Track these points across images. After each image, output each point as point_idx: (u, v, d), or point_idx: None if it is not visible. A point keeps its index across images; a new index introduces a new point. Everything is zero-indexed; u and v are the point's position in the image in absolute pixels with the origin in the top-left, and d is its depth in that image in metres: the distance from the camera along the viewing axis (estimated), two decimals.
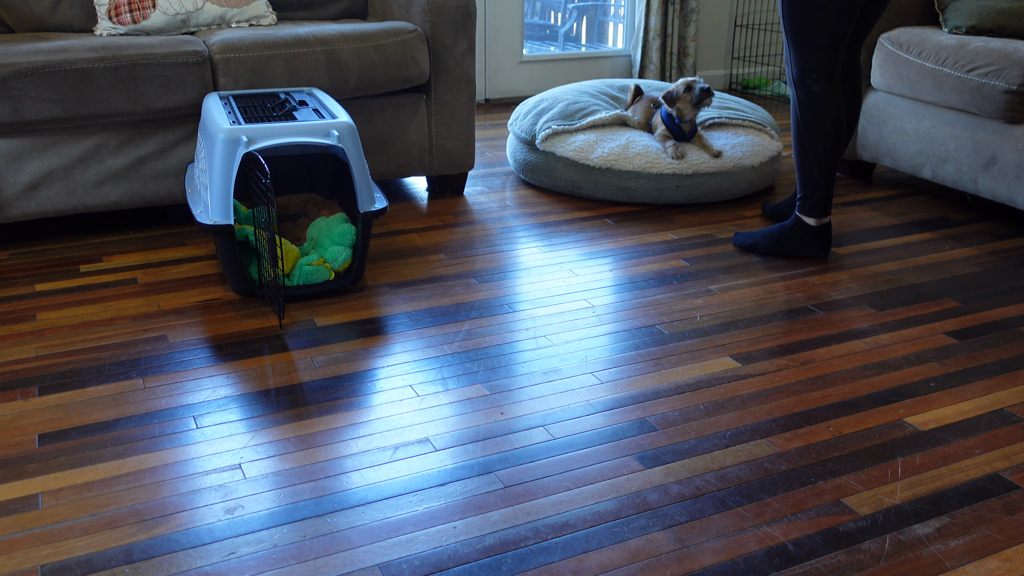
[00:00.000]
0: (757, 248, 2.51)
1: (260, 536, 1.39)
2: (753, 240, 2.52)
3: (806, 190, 2.40)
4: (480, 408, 1.75)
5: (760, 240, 2.51)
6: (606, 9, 5.28)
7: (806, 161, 2.36)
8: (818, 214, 2.42)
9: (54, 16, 2.80)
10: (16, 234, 2.62)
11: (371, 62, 2.68)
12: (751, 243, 2.53)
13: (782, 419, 1.72)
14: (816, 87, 2.28)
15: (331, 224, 2.30)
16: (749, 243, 2.53)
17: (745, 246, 2.53)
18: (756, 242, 2.52)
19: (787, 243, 2.47)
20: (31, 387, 1.80)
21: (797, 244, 2.47)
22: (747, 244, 2.53)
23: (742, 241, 2.55)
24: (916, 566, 1.34)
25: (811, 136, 2.33)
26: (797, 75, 2.30)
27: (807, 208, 2.42)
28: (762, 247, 2.51)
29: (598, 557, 1.35)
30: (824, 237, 2.45)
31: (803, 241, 2.46)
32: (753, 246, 2.52)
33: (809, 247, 2.47)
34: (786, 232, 2.47)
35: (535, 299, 2.23)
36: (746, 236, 2.55)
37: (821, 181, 2.37)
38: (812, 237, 2.45)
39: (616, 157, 2.88)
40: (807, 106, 2.31)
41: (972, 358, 1.96)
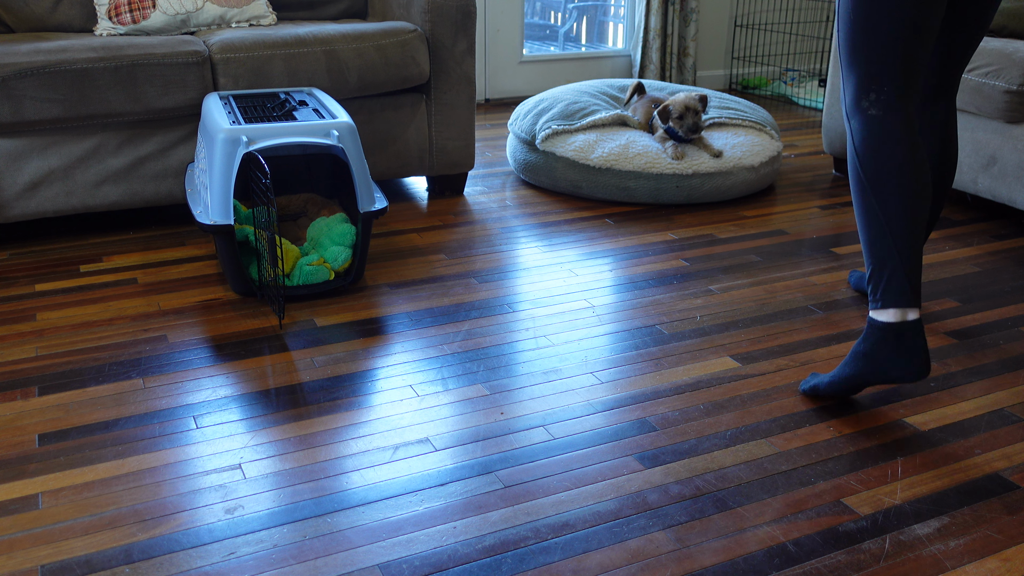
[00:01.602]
0: (819, 389, 1.78)
1: (260, 536, 1.39)
2: (816, 380, 1.80)
3: (875, 263, 1.65)
4: (480, 408, 1.75)
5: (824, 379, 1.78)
6: (606, 9, 5.28)
7: (871, 218, 1.65)
8: (895, 302, 1.63)
9: (54, 16, 2.80)
10: (16, 234, 2.62)
11: (371, 62, 2.68)
12: (813, 384, 1.80)
13: (782, 419, 1.72)
14: (875, 109, 1.66)
15: (331, 224, 2.30)
16: (810, 384, 1.81)
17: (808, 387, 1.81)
18: (818, 382, 1.79)
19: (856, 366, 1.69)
20: (31, 387, 1.80)
21: (871, 361, 1.66)
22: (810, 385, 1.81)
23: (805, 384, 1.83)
24: (916, 566, 1.34)
25: (872, 178, 1.65)
26: (850, 98, 1.69)
27: (879, 294, 1.65)
28: (824, 386, 1.77)
29: (598, 557, 1.35)
30: (912, 341, 1.62)
31: (879, 353, 1.65)
32: (815, 388, 1.79)
33: (890, 360, 1.64)
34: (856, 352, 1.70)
35: (535, 299, 2.23)
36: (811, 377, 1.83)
37: (894, 248, 1.63)
38: (892, 344, 1.63)
39: (616, 157, 2.88)
40: (864, 135, 1.66)
41: (972, 358, 1.96)
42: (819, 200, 3.03)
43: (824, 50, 5.08)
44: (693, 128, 2.90)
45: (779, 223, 2.80)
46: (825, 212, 2.91)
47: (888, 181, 1.64)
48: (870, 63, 1.67)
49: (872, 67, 1.66)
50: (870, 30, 1.65)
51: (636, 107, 3.21)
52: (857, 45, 1.68)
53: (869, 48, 1.66)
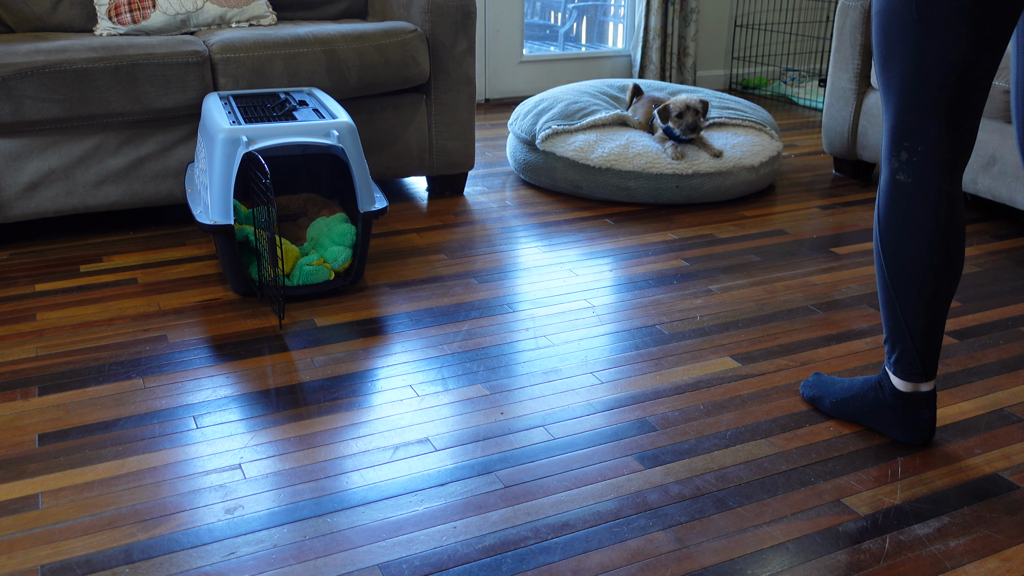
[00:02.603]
0: (822, 404, 1.73)
1: (260, 536, 1.39)
2: (820, 392, 1.74)
3: (888, 333, 1.57)
4: (480, 408, 1.75)
5: (830, 395, 1.72)
6: (606, 9, 5.28)
7: (884, 291, 1.54)
8: (906, 374, 1.57)
9: (54, 16, 2.80)
10: (16, 234, 2.62)
11: (371, 62, 2.68)
12: (815, 395, 1.75)
13: (782, 419, 1.72)
14: (904, 174, 1.42)
15: (331, 224, 2.30)
16: (813, 395, 1.76)
17: (808, 398, 1.77)
18: (823, 395, 1.73)
19: (863, 407, 1.66)
20: (31, 387, 1.80)
21: (876, 413, 1.64)
22: (811, 396, 1.76)
23: (808, 390, 1.78)
24: (916, 566, 1.34)
25: (889, 257, 1.49)
26: (886, 140, 1.45)
27: (892, 361, 1.58)
28: (828, 405, 1.72)
29: (598, 557, 1.35)
30: (918, 412, 1.60)
31: (885, 411, 1.63)
32: (817, 400, 1.74)
33: (893, 422, 1.63)
34: (866, 391, 1.66)
35: (535, 299, 2.23)
36: (816, 382, 1.77)
37: (906, 330, 1.53)
38: (898, 409, 1.61)
39: (616, 157, 2.88)
40: (887, 202, 1.47)
41: (972, 358, 1.96)
42: (819, 200, 3.03)
43: (824, 50, 5.08)
44: (692, 127, 2.90)
45: (779, 223, 2.80)
46: (825, 212, 2.91)
47: (905, 270, 1.47)
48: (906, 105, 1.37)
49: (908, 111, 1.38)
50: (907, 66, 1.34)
51: (636, 107, 3.21)
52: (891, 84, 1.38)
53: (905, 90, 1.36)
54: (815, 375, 1.80)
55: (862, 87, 3.07)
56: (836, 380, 1.74)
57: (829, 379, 1.76)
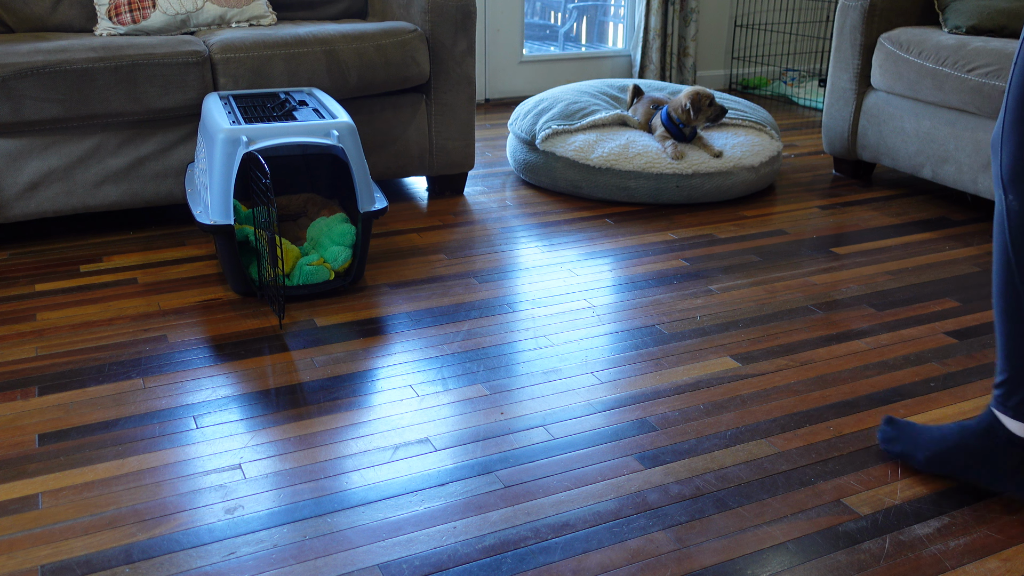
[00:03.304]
0: (914, 460, 1.53)
1: (260, 536, 1.39)
2: (908, 446, 1.54)
3: (1012, 371, 1.39)
4: (480, 408, 1.75)
5: (922, 446, 1.52)
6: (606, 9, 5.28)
7: (1018, 318, 1.37)
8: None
9: (54, 16, 2.80)
10: (16, 234, 2.62)
11: (371, 62, 2.68)
12: (903, 451, 1.55)
13: (782, 419, 1.72)
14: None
15: (331, 224, 2.30)
16: (900, 450, 1.55)
17: (895, 453, 1.56)
18: (912, 450, 1.53)
19: (969, 458, 1.46)
20: (31, 387, 1.80)
21: (988, 465, 1.45)
22: (898, 452, 1.56)
23: (892, 445, 1.57)
24: (916, 566, 1.34)
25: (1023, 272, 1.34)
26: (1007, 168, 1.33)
27: (1013, 404, 1.41)
28: (923, 460, 1.52)
29: (598, 557, 1.35)
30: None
31: (998, 459, 1.44)
32: (907, 456, 1.54)
33: (1007, 472, 1.43)
34: (970, 438, 1.47)
35: (535, 299, 2.23)
36: (898, 433, 1.57)
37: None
38: (1016, 457, 1.43)
39: (616, 157, 2.88)
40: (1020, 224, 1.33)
41: (972, 358, 1.96)
42: (819, 200, 3.03)
43: (824, 50, 5.09)
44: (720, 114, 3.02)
45: (779, 223, 2.80)
46: (825, 212, 2.91)
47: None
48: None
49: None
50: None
51: (636, 108, 3.21)
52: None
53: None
54: (890, 423, 1.58)
55: (862, 87, 3.07)
56: (922, 429, 1.53)
57: (910, 426, 1.56)
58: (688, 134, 2.98)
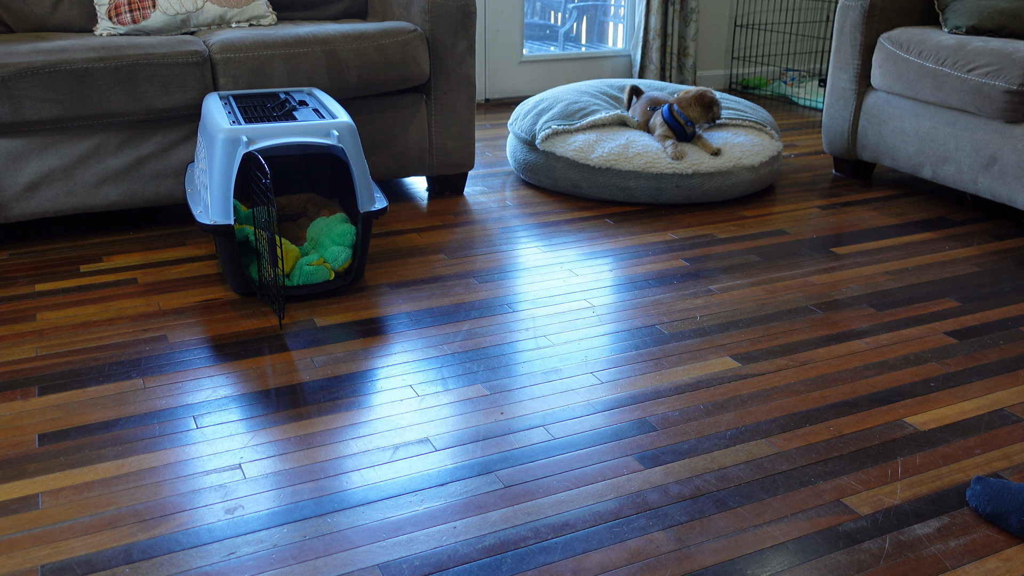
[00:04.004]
0: (1008, 524, 1.39)
1: (260, 536, 1.39)
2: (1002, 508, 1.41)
3: None
4: (480, 408, 1.75)
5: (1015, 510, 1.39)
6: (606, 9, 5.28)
7: None
8: None
9: (54, 16, 2.80)
10: (16, 234, 2.62)
11: (371, 62, 2.68)
12: (995, 511, 1.41)
13: (782, 419, 1.72)
14: None
15: (331, 224, 2.30)
16: (992, 511, 1.42)
17: (987, 515, 1.42)
18: (1007, 511, 1.40)
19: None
20: (31, 387, 1.80)
21: None
22: (990, 512, 1.42)
23: (983, 504, 1.44)
24: (916, 566, 1.34)
25: None
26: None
27: None
28: (1016, 524, 1.39)
29: (598, 557, 1.35)
30: None
31: None
32: (1000, 517, 1.41)
33: None
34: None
35: (535, 299, 2.23)
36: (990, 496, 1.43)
37: None
38: None
39: (616, 157, 2.88)
40: None
41: (972, 358, 1.96)
42: (819, 200, 3.03)
43: (824, 50, 5.08)
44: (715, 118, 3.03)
45: (779, 223, 2.80)
46: (825, 212, 2.91)
47: None
48: None
49: None
50: None
51: (635, 108, 3.21)
52: None
53: None
54: (980, 481, 1.47)
55: (862, 87, 3.07)
56: (1017, 488, 1.41)
57: (1003, 486, 1.43)
58: (690, 133, 2.98)
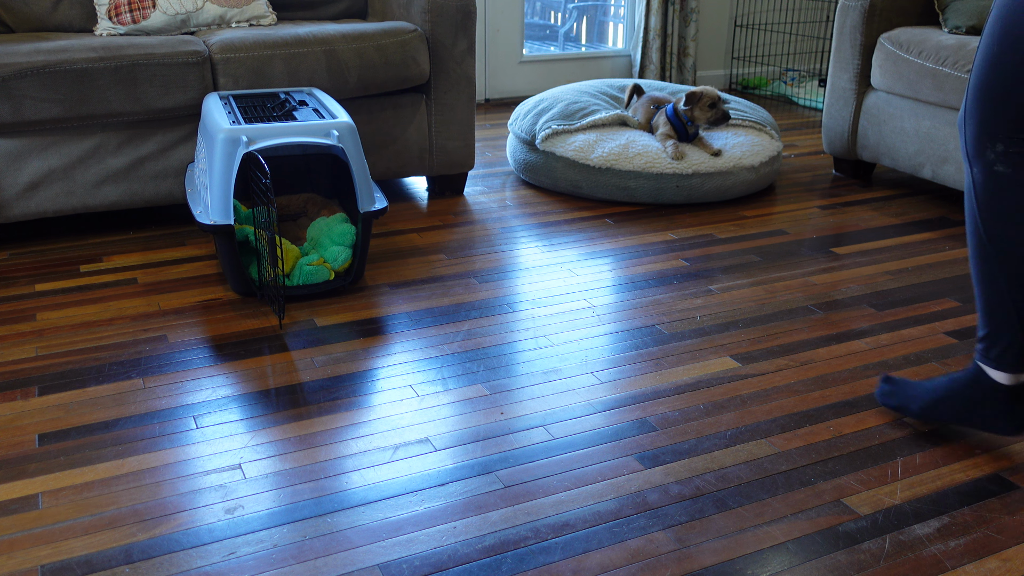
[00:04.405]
0: (908, 411, 1.69)
1: (260, 536, 1.39)
2: (903, 400, 1.70)
3: (991, 327, 1.56)
4: (480, 408, 1.75)
5: (915, 399, 1.68)
6: (606, 9, 5.28)
7: (990, 279, 1.53)
8: (1012, 367, 1.56)
9: (54, 16, 2.80)
10: (16, 234, 2.62)
11: (371, 62, 2.68)
12: (900, 404, 1.71)
13: (782, 419, 1.72)
14: (1002, 165, 1.49)
15: (331, 224, 2.30)
16: (898, 404, 1.71)
17: (893, 407, 1.72)
18: (907, 403, 1.69)
19: (959, 406, 1.62)
20: (31, 387, 1.80)
21: (976, 410, 1.60)
22: (896, 405, 1.71)
23: (889, 399, 1.73)
24: (916, 566, 1.34)
25: (996, 242, 1.50)
26: (972, 140, 1.51)
27: (994, 356, 1.57)
28: (917, 410, 1.68)
29: (598, 557, 1.35)
30: (1020, 402, 1.58)
31: (984, 405, 1.59)
32: (903, 408, 1.70)
33: (993, 416, 1.59)
34: (959, 388, 1.62)
35: (535, 299, 2.23)
36: (894, 388, 1.73)
37: (1016, 316, 1.53)
38: (1002, 402, 1.58)
39: (616, 157, 2.88)
40: (989, 194, 1.50)
41: (972, 358, 1.96)
42: (819, 200, 3.03)
43: (824, 50, 5.08)
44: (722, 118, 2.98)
45: (779, 223, 2.80)
46: (825, 212, 2.91)
47: (1009, 239, 1.49)
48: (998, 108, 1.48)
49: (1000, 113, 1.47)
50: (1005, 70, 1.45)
51: (636, 107, 3.21)
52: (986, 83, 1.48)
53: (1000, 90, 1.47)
54: (887, 380, 1.73)
55: (862, 87, 3.07)
56: (915, 384, 1.69)
57: (906, 383, 1.71)
58: (692, 133, 2.98)
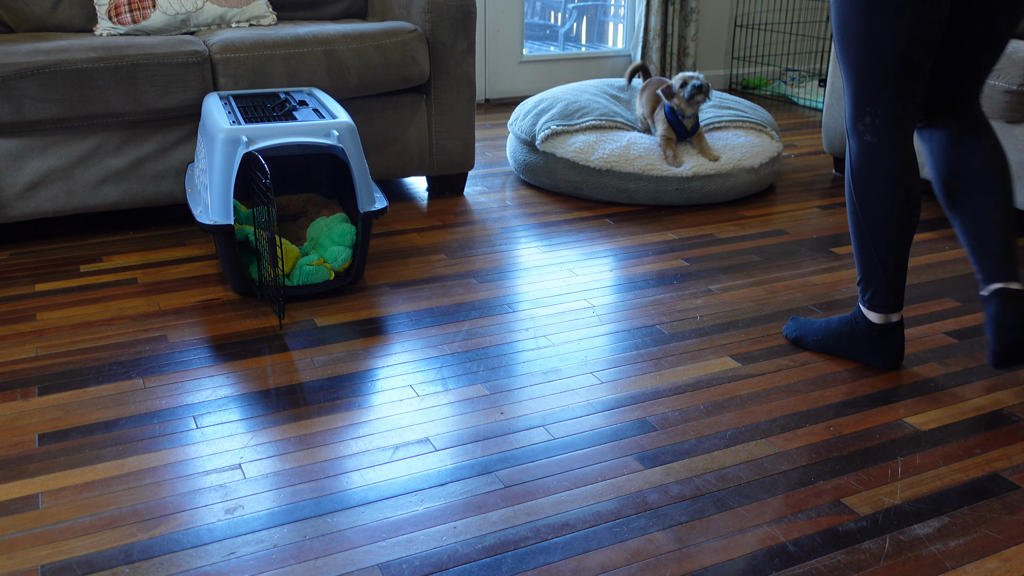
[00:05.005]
0: (805, 343, 2.00)
1: (260, 536, 1.39)
2: (802, 332, 2.01)
3: (863, 274, 1.84)
4: (480, 408, 1.75)
5: (810, 333, 1.99)
6: (606, 9, 5.28)
7: (860, 235, 1.81)
8: (881, 308, 1.84)
9: (54, 16, 2.80)
10: (16, 234, 2.62)
11: (371, 62, 2.68)
12: (798, 336, 2.01)
13: (782, 419, 1.72)
14: (870, 135, 1.72)
15: (331, 224, 2.30)
16: (796, 335, 2.02)
17: (792, 338, 2.02)
18: (804, 335, 2.00)
19: (841, 342, 1.93)
20: (31, 387, 1.80)
21: (854, 345, 1.92)
22: (794, 336, 2.02)
23: (791, 331, 2.04)
24: (916, 566, 1.34)
25: (863, 204, 1.77)
26: (848, 115, 1.76)
27: (867, 299, 1.86)
28: (811, 342, 1.98)
29: (598, 557, 1.35)
30: (891, 340, 1.87)
31: (862, 342, 1.90)
32: (800, 340, 2.00)
33: (870, 351, 1.90)
34: (843, 327, 1.93)
35: (535, 299, 2.23)
36: (796, 325, 2.04)
37: (880, 266, 1.80)
38: (874, 339, 1.88)
39: (617, 159, 2.88)
40: (859, 161, 1.75)
41: (972, 358, 1.96)
42: (819, 200, 3.03)
43: (824, 50, 5.08)
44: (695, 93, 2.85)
45: (779, 223, 2.80)
46: (825, 212, 2.91)
47: (877, 212, 1.76)
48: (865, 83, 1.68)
49: (867, 88, 1.68)
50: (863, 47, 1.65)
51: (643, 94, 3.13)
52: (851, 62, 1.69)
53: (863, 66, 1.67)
54: (793, 319, 2.05)
55: None
56: (814, 321, 2.00)
57: (807, 321, 2.02)
58: (690, 128, 2.95)
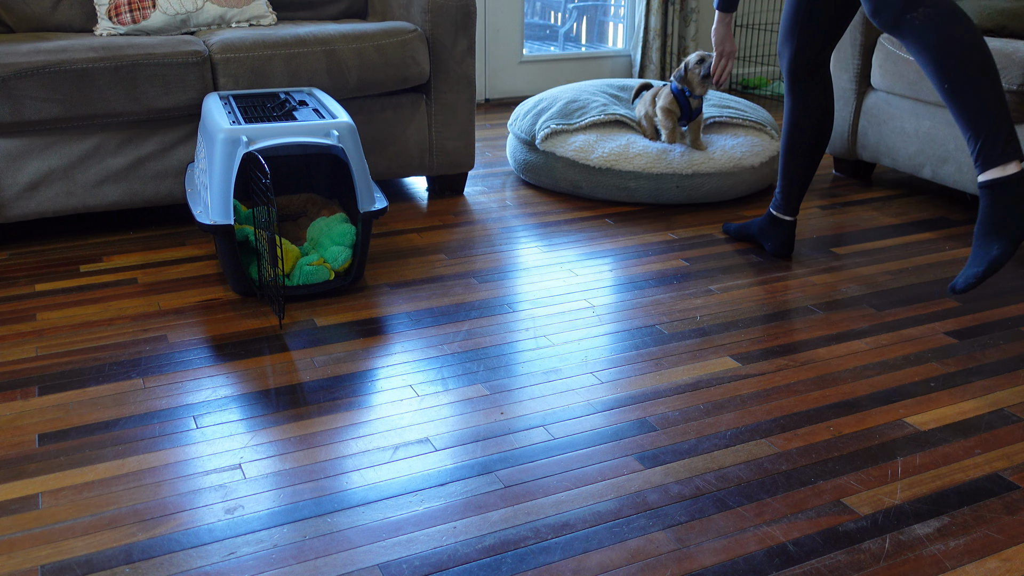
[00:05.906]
0: (729, 231, 2.69)
1: (260, 536, 1.39)
2: (729, 225, 2.70)
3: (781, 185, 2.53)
4: (480, 408, 1.75)
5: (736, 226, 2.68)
6: (606, 9, 5.28)
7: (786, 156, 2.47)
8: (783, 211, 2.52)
9: (54, 16, 2.80)
10: (16, 234, 2.62)
11: (371, 62, 2.68)
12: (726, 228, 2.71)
13: (782, 419, 1.72)
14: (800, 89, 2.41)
15: (331, 224, 2.30)
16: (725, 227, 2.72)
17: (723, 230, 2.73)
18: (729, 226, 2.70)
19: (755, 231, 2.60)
20: (31, 387, 1.80)
21: (763, 233, 2.58)
22: (724, 228, 2.72)
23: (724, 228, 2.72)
24: (916, 566, 1.34)
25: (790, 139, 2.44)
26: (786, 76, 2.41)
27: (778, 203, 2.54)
28: (734, 231, 2.67)
29: (598, 557, 1.35)
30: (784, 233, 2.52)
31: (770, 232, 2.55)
32: (727, 229, 2.70)
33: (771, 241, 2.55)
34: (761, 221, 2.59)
35: (535, 299, 2.23)
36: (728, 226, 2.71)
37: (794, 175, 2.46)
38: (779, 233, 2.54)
39: (616, 157, 2.88)
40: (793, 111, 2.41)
41: (972, 358, 1.96)
42: (819, 200, 3.03)
43: None
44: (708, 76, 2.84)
45: None
46: (825, 212, 2.91)
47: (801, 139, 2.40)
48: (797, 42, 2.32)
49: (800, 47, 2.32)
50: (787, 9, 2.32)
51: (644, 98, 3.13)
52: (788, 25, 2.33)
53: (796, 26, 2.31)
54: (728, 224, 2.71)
55: (862, 87, 3.07)
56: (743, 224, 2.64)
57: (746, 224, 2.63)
58: (695, 108, 2.92)
